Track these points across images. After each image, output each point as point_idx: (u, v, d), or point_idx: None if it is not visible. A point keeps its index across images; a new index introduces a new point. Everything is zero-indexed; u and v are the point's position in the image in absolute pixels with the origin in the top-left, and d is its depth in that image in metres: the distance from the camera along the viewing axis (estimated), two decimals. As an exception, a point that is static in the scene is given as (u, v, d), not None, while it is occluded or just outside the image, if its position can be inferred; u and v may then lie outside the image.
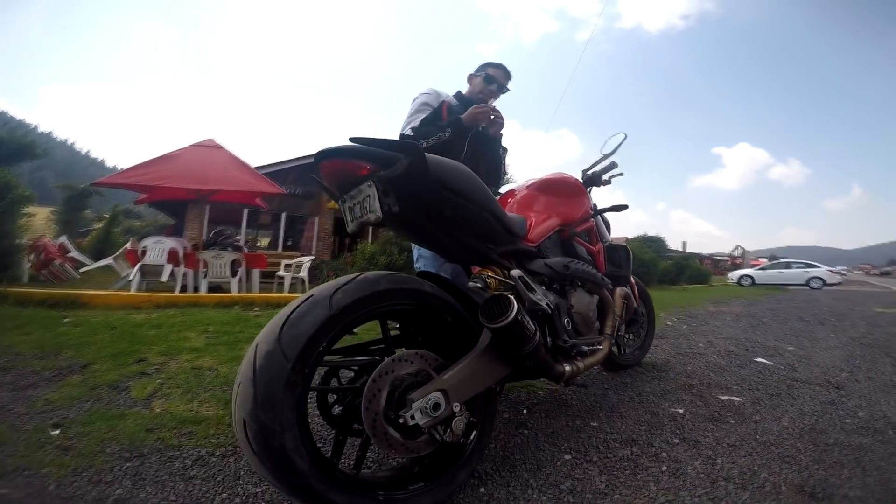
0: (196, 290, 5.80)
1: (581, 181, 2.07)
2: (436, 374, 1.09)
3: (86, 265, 8.40)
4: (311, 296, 0.98)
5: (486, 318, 1.14)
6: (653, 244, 20.13)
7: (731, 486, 1.22)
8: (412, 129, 1.93)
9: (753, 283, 18.54)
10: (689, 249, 28.59)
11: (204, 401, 1.80)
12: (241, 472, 1.24)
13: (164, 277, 5.87)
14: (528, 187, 1.86)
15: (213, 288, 5.90)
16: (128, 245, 6.88)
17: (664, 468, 1.33)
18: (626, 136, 2.07)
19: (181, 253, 6.15)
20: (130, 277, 5.68)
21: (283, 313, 0.94)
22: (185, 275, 6.07)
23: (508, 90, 2.32)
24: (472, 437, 1.20)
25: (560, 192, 1.88)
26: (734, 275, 20.42)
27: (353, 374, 1.19)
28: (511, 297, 1.15)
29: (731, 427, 1.68)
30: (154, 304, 4.29)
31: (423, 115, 1.97)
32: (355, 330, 1.09)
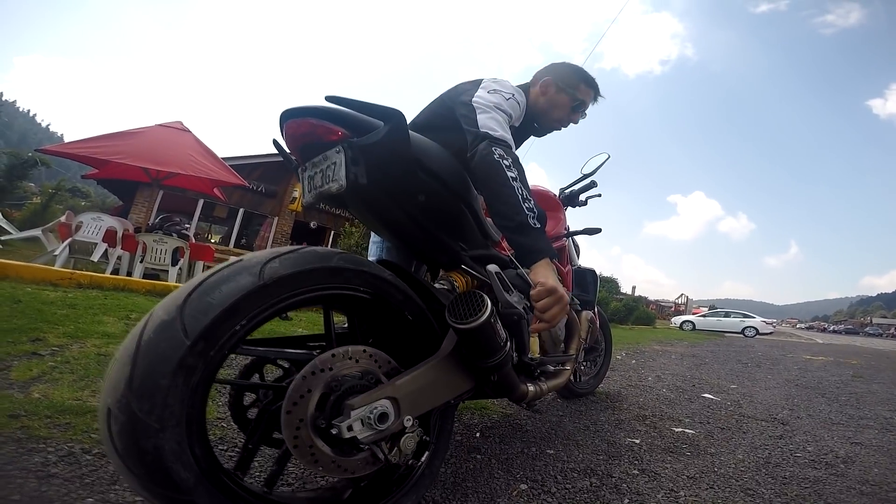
0: (129, 274, 5.28)
1: (558, 199, 1.99)
2: (386, 380, 0.89)
3: (10, 234, 7.59)
4: (241, 260, 0.76)
5: (455, 317, 0.97)
6: (606, 285, 20.89)
7: (699, 524, 1.10)
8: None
9: (694, 328, 19.40)
10: (638, 293, 29.66)
11: (98, 390, 1.51)
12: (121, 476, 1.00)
13: (96, 257, 5.32)
14: None
15: (148, 275, 5.40)
16: (62, 218, 6.23)
17: (626, 501, 1.20)
18: (608, 157, 1.97)
19: (120, 233, 5.62)
20: (57, 252, 5.11)
21: (198, 277, 0.72)
22: (119, 258, 5.53)
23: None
24: (422, 458, 1.00)
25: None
26: (677, 319, 21.36)
27: (282, 372, 0.99)
28: (484, 295, 0.99)
29: (689, 459, 1.59)
30: (75, 283, 3.83)
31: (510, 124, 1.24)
32: (289, 315, 0.88)
